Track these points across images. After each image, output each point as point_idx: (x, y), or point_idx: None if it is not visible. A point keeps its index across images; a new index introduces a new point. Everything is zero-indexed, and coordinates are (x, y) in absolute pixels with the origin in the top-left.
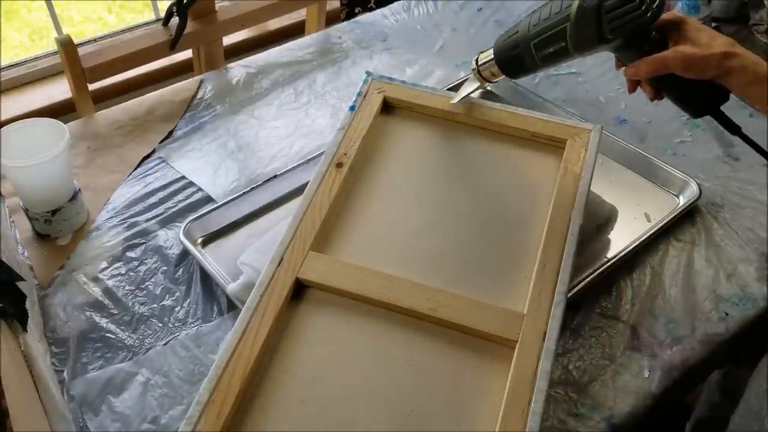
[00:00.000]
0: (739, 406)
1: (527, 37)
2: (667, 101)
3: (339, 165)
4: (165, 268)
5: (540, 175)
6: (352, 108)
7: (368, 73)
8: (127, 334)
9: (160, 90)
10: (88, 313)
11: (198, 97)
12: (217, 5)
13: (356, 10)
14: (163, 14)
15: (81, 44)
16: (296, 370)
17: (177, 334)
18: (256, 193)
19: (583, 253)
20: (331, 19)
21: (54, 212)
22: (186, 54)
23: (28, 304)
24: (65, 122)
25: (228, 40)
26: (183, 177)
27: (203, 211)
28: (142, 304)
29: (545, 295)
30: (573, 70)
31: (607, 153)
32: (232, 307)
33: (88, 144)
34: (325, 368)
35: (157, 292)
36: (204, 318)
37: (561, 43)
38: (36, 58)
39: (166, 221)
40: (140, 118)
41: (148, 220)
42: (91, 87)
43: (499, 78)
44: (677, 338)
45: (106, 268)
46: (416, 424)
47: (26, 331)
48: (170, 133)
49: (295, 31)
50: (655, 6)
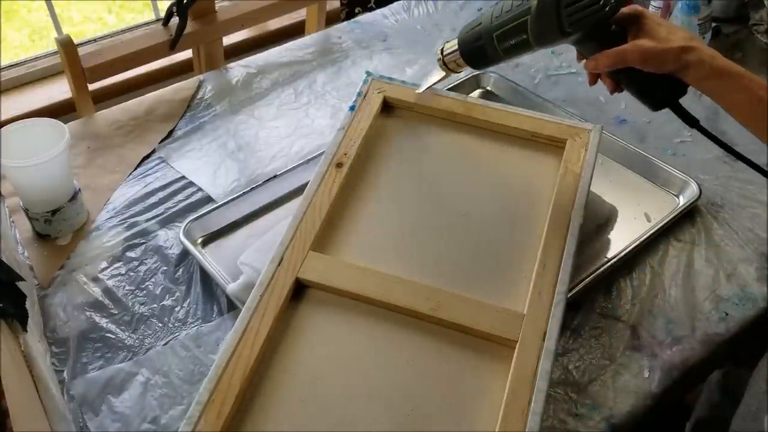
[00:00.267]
0: (739, 407)
1: (489, 29)
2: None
3: (339, 165)
4: (165, 268)
5: (540, 175)
6: (352, 108)
7: (368, 73)
8: (127, 334)
9: (160, 90)
10: (88, 313)
11: (198, 97)
12: (217, 5)
13: (356, 10)
14: (163, 14)
15: (81, 44)
16: (296, 370)
17: (177, 334)
18: (256, 193)
19: (583, 253)
20: (331, 19)
21: (54, 212)
22: (186, 54)
23: (28, 304)
24: (65, 122)
25: (228, 40)
26: (183, 177)
27: (203, 211)
28: (142, 304)
29: (545, 295)
30: (573, 70)
31: (607, 153)
32: (232, 307)
33: (88, 144)
34: (325, 368)
35: (157, 292)
36: (204, 318)
37: (522, 36)
38: (36, 58)
39: (166, 221)
40: (140, 118)
41: (148, 220)
42: (91, 87)
43: (463, 68)
44: (677, 338)
45: (106, 268)
46: (416, 424)
47: (26, 331)
48: (170, 133)
49: (295, 31)
50: (614, 0)
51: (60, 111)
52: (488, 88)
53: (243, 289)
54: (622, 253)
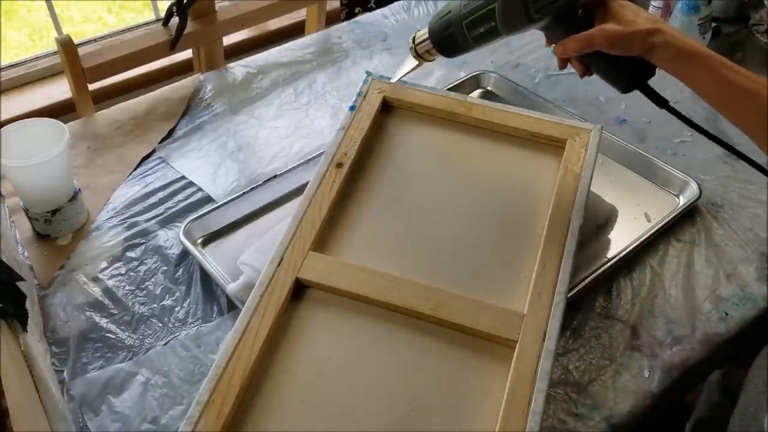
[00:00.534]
0: (737, 407)
1: (459, 17)
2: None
3: (339, 165)
4: (165, 268)
5: (540, 175)
6: (352, 108)
7: (368, 73)
8: (127, 334)
9: (159, 89)
10: (88, 313)
11: (198, 97)
12: (217, 5)
13: (356, 10)
14: (163, 14)
15: (81, 44)
16: (296, 370)
17: (177, 334)
18: (256, 193)
19: (583, 253)
20: (331, 19)
21: (54, 212)
22: (186, 54)
23: (28, 304)
24: (65, 122)
25: (228, 40)
26: (183, 177)
27: (203, 211)
28: (142, 304)
29: (545, 295)
30: (573, 70)
31: (607, 153)
32: (232, 307)
33: (88, 144)
34: (325, 368)
35: (157, 292)
36: (204, 318)
37: (491, 23)
38: (36, 58)
39: (166, 221)
40: (140, 117)
41: (148, 220)
42: (91, 87)
43: (435, 56)
44: (677, 338)
45: (106, 268)
46: (416, 423)
47: (26, 331)
48: (170, 133)
49: (295, 31)
50: None
51: (60, 111)
52: (488, 88)
53: (243, 289)
54: (622, 253)
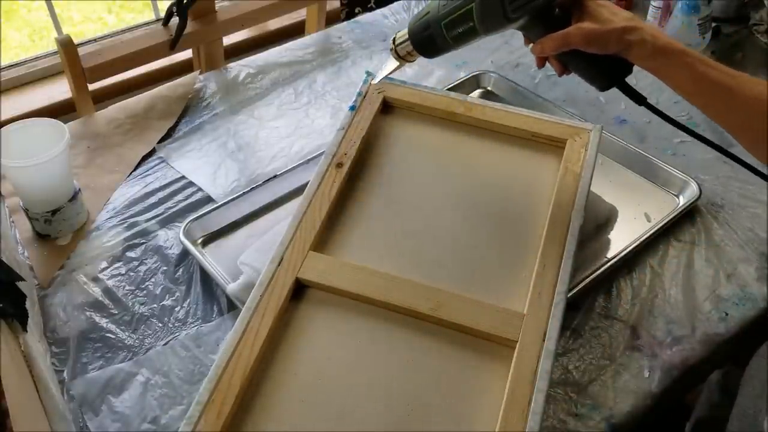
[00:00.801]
0: (734, 409)
1: (437, 18)
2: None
3: (339, 165)
4: (165, 268)
5: (540, 175)
6: (352, 108)
7: (368, 73)
8: (127, 334)
9: (158, 87)
10: (88, 313)
11: (198, 97)
12: (217, 5)
13: (356, 10)
14: (163, 14)
15: (81, 44)
16: (296, 370)
17: (177, 334)
18: (256, 193)
19: (583, 253)
20: (331, 19)
21: (54, 212)
22: (186, 54)
23: (28, 304)
24: (65, 122)
25: (228, 40)
26: (183, 177)
27: (203, 211)
28: (142, 304)
29: (545, 295)
30: None
31: (607, 153)
32: (232, 307)
33: (87, 143)
34: (325, 368)
35: (157, 292)
36: (204, 318)
37: (469, 24)
38: (36, 58)
39: (166, 221)
40: (139, 116)
41: (148, 220)
42: (91, 87)
43: (416, 57)
44: (677, 338)
45: (106, 268)
46: (416, 423)
47: (26, 331)
48: (170, 133)
49: (295, 31)
50: None
51: (60, 111)
52: (488, 88)
53: (243, 289)
54: (622, 253)
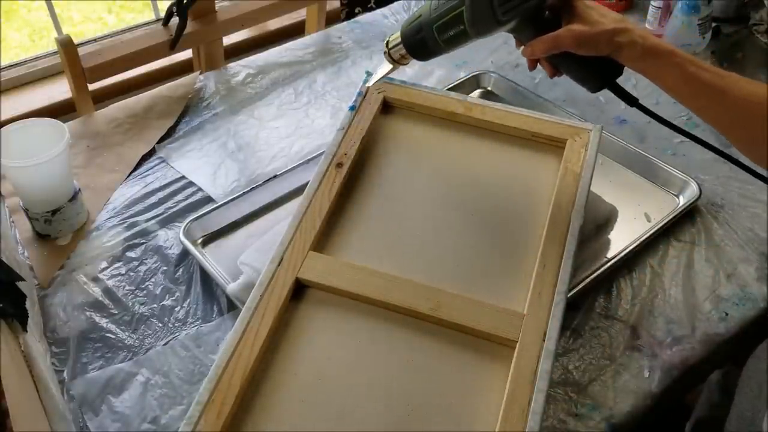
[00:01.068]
0: (732, 409)
1: (429, 21)
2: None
3: (339, 165)
4: (165, 268)
5: (540, 175)
6: (352, 108)
7: (368, 73)
8: (127, 334)
9: (158, 88)
10: (88, 313)
11: (198, 97)
12: (217, 5)
13: (356, 10)
14: (163, 14)
15: (81, 44)
16: (296, 370)
17: (177, 334)
18: (256, 193)
19: (583, 253)
20: (331, 19)
21: (54, 212)
22: (186, 54)
23: (28, 304)
24: (65, 122)
25: (228, 40)
26: (183, 177)
27: (203, 211)
28: (142, 304)
29: (545, 295)
30: None
31: (607, 153)
32: (232, 307)
33: (87, 143)
34: (325, 368)
35: (157, 292)
36: (204, 318)
37: (460, 27)
38: (36, 58)
39: (166, 221)
40: (138, 116)
41: (148, 220)
42: (91, 87)
43: (409, 60)
44: (677, 338)
45: (106, 268)
46: (416, 423)
47: (26, 331)
48: (170, 133)
49: (295, 31)
50: None
51: (60, 111)
52: (488, 88)
53: (243, 289)
54: (622, 253)
